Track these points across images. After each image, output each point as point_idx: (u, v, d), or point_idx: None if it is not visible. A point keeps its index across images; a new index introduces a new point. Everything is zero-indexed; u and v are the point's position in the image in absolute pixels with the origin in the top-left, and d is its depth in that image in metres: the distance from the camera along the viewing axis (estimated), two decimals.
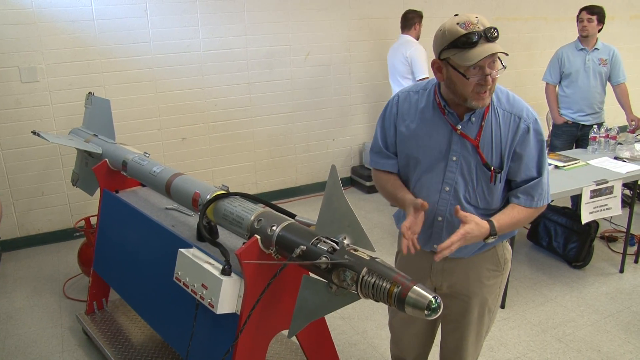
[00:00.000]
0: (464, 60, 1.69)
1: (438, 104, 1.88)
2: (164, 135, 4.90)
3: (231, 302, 1.96)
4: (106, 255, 3.08)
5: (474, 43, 1.67)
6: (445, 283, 2.08)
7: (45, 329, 3.41)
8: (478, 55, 1.67)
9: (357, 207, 5.23)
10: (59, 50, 4.32)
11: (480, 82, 1.72)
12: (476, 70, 1.71)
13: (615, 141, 4.16)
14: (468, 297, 2.08)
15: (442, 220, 1.96)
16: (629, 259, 4.09)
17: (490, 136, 1.86)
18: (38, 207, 4.61)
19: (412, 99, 1.95)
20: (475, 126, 1.85)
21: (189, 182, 2.42)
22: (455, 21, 1.70)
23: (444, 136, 1.88)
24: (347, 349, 3.17)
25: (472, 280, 2.06)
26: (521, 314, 3.48)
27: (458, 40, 1.68)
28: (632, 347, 3.13)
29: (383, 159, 2.05)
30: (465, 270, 2.05)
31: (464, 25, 1.67)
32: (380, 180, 2.07)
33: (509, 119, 1.85)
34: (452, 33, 1.69)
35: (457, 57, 1.70)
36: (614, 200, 3.55)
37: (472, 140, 1.85)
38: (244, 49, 5.02)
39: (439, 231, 1.98)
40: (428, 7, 5.78)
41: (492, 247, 2.05)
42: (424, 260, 2.07)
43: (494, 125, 1.85)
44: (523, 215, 1.91)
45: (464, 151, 1.87)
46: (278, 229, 1.87)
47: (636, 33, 7.41)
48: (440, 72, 1.80)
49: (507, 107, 1.87)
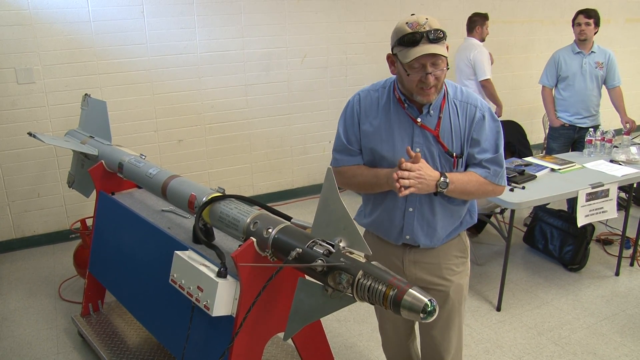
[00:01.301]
0: (404, 57, 1.82)
1: (398, 99, 1.99)
2: (160, 137, 4.89)
3: (227, 305, 1.96)
4: (102, 257, 3.08)
5: (416, 42, 1.79)
6: (419, 274, 2.14)
7: (40, 331, 3.40)
8: (415, 53, 1.79)
9: (353, 210, 5.21)
10: (55, 52, 4.31)
11: (422, 79, 1.84)
12: (417, 68, 1.82)
13: (611, 144, 4.18)
14: (445, 287, 2.15)
15: (413, 210, 2.05)
16: (624, 261, 4.10)
17: (449, 126, 1.97)
18: (34, 208, 4.60)
19: (373, 96, 2.05)
20: (434, 118, 1.97)
21: (185, 184, 2.41)
22: (406, 20, 1.83)
23: (406, 129, 1.98)
24: (343, 351, 3.17)
25: (443, 269, 2.14)
26: (517, 316, 3.49)
27: (402, 38, 1.82)
28: (627, 349, 3.14)
29: (348, 156, 2.10)
30: (437, 258, 2.14)
31: (411, 25, 1.81)
32: (346, 175, 2.12)
33: (466, 108, 1.99)
34: (399, 31, 1.83)
35: (400, 53, 1.84)
36: (610, 203, 3.56)
37: (432, 130, 1.96)
38: (241, 51, 5.03)
39: (411, 221, 2.07)
40: (425, 10, 5.79)
41: (457, 235, 2.15)
42: (396, 257, 2.16)
43: (452, 115, 1.98)
44: (475, 181, 1.99)
45: (426, 142, 1.98)
46: (274, 232, 1.87)
47: (631, 36, 7.44)
48: (393, 66, 1.96)
49: (462, 98, 2.00)
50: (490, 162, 2.01)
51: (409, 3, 5.71)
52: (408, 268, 2.15)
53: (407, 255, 2.14)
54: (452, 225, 2.11)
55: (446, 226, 2.09)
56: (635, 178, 3.70)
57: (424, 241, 2.08)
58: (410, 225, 2.07)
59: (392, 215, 2.09)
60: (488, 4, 6.25)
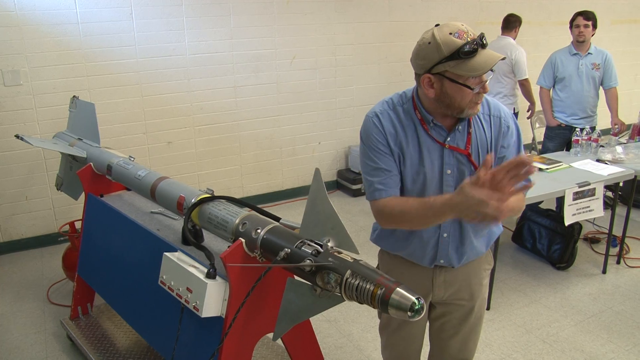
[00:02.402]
0: (469, 71, 1.63)
1: (420, 120, 1.81)
2: (149, 139, 4.88)
3: (216, 306, 1.96)
4: (91, 259, 3.07)
5: (475, 52, 1.62)
6: (448, 293, 2.06)
7: (28, 335, 3.38)
8: (483, 63, 1.63)
9: (343, 211, 5.25)
10: (43, 54, 4.29)
11: (480, 91, 1.70)
12: (476, 79, 1.66)
13: (597, 144, 4.22)
14: (470, 302, 2.08)
15: (447, 235, 1.93)
16: (611, 259, 4.14)
17: (477, 142, 1.84)
18: (21, 211, 4.57)
19: (392, 117, 1.84)
20: (463, 135, 1.82)
21: (174, 185, 2.41)
22: (447, 31, 1.63)
23: (434, 151, 1.82)
24: (333, 351, 3.17)
25: (474, 284, 2.06)
26: (506, 315, 3.51)
27: (459, 51, 1.62)
28: (614, 346, 3.17)
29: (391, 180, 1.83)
30: (467, 275, 2.05)
31: (458, 35, 1.62)
32: (394, 211, 1.81)
33: (490, 121, 1.86)
34: (449, 44, 1.62)
35: (458, 68, 1.64)
36: (596, 202, 3.60)
37: (463, 151, 1.82)
38: (230, 52, 5.03)
39: (445, 247, 1.95)
40: (412, 12, 5.82)
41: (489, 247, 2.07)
42: (424, 277, 2.04)
43: (478, 131, 1.84)
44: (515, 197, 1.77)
45: (457, 163, 1.83)
46: (262, 232, 1.87)
47: (617, 38, 7.51)
48: (432, 87, 1.71)
49: (486, 111, 1.86)
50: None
51: (397, 5, 5.73)
52: (438, 288, 2.04)
53: (437, 276, 2.02)
54: (483, 241, 2.01)
55: (479, 244, 1.99)
56: (620, 177, 3.74)
57: (458, 262, 1.98)
58: (445, 250, 1.95)
59: (426, 244, 1.94)
60: (476, 6, 6.30)
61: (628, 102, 7.37)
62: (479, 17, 6.35)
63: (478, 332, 2.19)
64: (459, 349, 2.17)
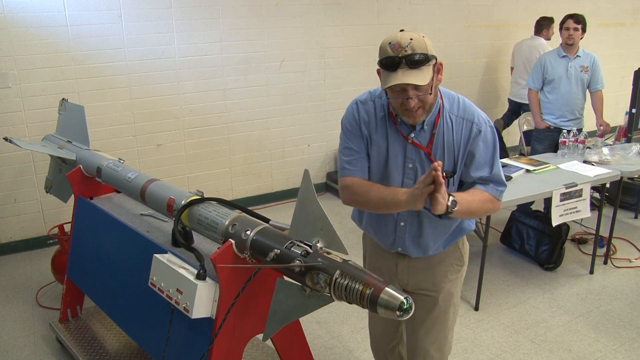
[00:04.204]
0: (382, 83, 1.77)
1: (390, 113, 1.93)
2: (139, 141, 4.88)
3: (206, 307, 1.97)
4: (80, 262, 3.06)
5: (394, 67, 1.71)
6: (412, 281, 2.15)
7: (17, 338, 3.36)
8: (392, 80, 1.71)
9: (332, 213, 5.26)
10: (31, 56, 4.27)
11: (404, 103, 1.77)
12: (398, 91, 1.76)
13: (584, 145, 4.27)
14: (435, 293, 2.15)
15: (404, 225, 2.04)
16: (598, 260, 4.18)
17: (442, 142, 1.91)
18: (10, 214, 4.54)
19: (369, 107, 1.97)
20: (427, 133, 1.91)
21: (164, 187, 2.42)
22: (389, 40, 1.74)
23: (398, 144, 1.93)
24: (323, 352, 3.19)
25: (437, 277, 2.14)
26: (494, 315, 3.54)
27: (382, 61, 1.75)
28: (601, 345, 3.21)
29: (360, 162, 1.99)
30: (431, 267, 2.13)
31: (393, 47, 1.71)
32: (358, 189, 1.98)
33: (461, 124, 1.91)
34: (381, 50, 1.76)
35: (382, 75, 1.78)
36: (583, 203, 3.64)
37: (424, 148, 1.91)
38: (219, 55, 5.03)
39: (402, 235, 2.06)
40: (401, 15, 5.86)
41: (455, 243, 2.13)
42: (390, 262, 2.17)
43: (445, 132, 1.91)
44: (478, 200, 1.91)
45: (419, 159, 1.93)
46: (252, 233, 1.88)
47: (603, 41, 7.59)
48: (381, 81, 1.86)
49: (458, 113, 1.92)
50: (490, 179, 1.94)
51: (386, 8, 5.76)
52: (401, 273, 2.16)
53: (400, 262, 2.14)
54: (444, 236, 2.07)
55: (437, 238, 2.06)
56: (607, 178, 3.79)
57: (416, 253, 2.08)
58: (401, 238, 2.06)
59: (385, 226, 2.08)
60: (464, 8, 6.35)
61: (614, 104, 7.45)
62: (467, 20, 6.40)
63: (445, 325, 2.24)
64: (424, 338, 2.24)
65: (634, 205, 5.23)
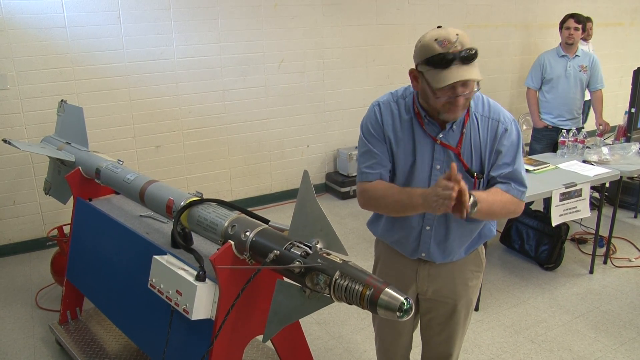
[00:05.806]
0: (435, 82, 1.67)
1: (417, 113, 1.87)
2: (138, 143, 4.87)
3: (206, 308, 1.96)
4: (80, 263, 3.05)
5: (447, 64, 1.64)
6: (431, 288, 2.10)
7: (16, 340, 3.35)
8: (448, 79, 1.64)
9: (331, 213, 5.26)
10: (30, 58, 4.27)
11: (450, 101, 1.71)
12: (447, 90, 1.68)
13: (584, 145, 4.27)
14: (455, 300, 2.11)
15: (430, 229, 1.97)
16: (598, 260, 4.18)
17: (469, 142, 1.88)
18: (9, 216, 4.54)
19: (393, 108, 1.91)
20: (456, 134, 1.86)
21: (163, 189, 2.41)
22: (434, 36, 1.66)
23: (426, 145, 1.88)
24: (323, 354, 3.18)
25: (458, 284, 2.09)
26: (494, 316, 3.54)
27: (432, 59, 1.65)
28: (601, 345, 3.21)
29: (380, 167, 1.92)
30: (452, 274, 2.08)
31: (441, 43, 1.64)
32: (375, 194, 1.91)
33: (487, 124, 1.88)
34: (428, 49, 1.66)
35: (429, 74, 1.68)
36: (583, 202, 3.64)
37: (453, 149, 1.86)
38: (218, 56, 5.03)
39: (427, 240, 1.99)
40: (399, 15, 5.85)
41: (475, 249, 2.09)
42: (410, 269, 2.09)
43: (472, 132, 1.87)
44: (499, 200, 1.86)
45: (448, 160, 1.87)
46: (252, 235, 1.88)
47: (600, 41, 7.59)
48: (416, 81, 1.79)
49: (485, 113, 1.89)
50: (510, 176, 1.89)
51: (385, 9, 5.75)
52: (421, 281, 2.09)
53: (421, 269, 2.07)
54: (468, 241, 2.03)
55: (462, 243, 2.02)
56: (606, 178, 3.79)
57: (441, 258, 2.02)
58: (426, 243, 2.00)
59: (409, 233, 2.01)
60: (462, 8, 6.34)
61: (613, 104, 7.45)
62: (466, 20, 6.40)
63: (464, 330, 2.24)
64: (444, 345, 2.23)
65: (634, 205, 5.23)
